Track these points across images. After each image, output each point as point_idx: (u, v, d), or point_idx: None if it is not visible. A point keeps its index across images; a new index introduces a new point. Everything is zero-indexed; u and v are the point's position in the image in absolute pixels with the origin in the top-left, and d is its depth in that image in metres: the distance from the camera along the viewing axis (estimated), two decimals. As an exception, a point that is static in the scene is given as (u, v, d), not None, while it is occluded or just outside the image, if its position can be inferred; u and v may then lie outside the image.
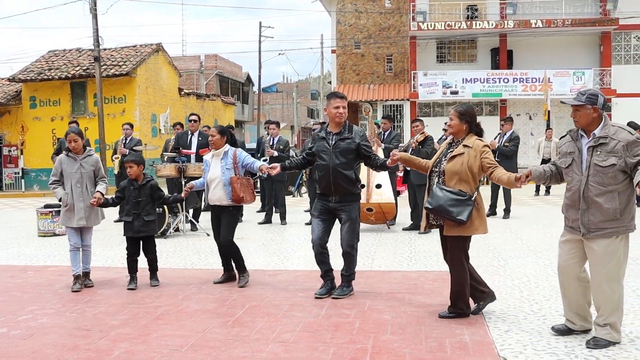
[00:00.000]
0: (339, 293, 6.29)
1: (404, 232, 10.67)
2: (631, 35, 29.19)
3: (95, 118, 23.45)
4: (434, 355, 4.54)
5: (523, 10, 28.99)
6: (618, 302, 4.68)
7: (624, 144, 4.51)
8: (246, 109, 48.40)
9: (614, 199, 4.56)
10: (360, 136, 6.32)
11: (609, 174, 4.54)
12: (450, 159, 5.37)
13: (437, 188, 5.32)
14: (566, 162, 4.81)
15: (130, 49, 26.72)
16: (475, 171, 5.30)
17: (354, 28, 33.89)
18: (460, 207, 5.19)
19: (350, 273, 6.37)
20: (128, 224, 7.02)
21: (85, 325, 5.46)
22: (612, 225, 4.58)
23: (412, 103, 29.86)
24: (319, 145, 6.37)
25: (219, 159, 6.98)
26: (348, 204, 6.27)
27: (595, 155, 4.59)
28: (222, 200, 6.86)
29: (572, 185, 4.75)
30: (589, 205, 4.61)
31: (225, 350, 4.71)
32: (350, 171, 6.23)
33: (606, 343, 4.66)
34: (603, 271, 4.63)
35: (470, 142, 5.38)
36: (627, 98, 27.77)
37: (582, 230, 4.68)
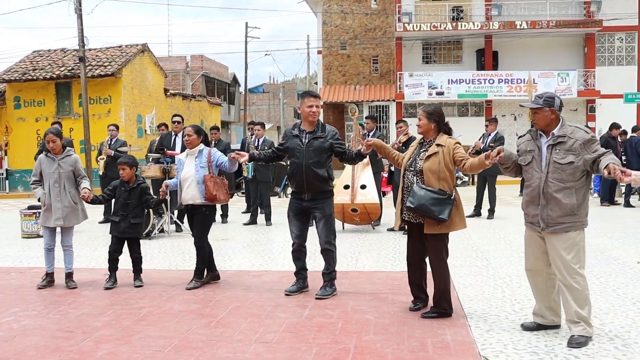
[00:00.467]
0: (321, 293, 6.32)
1: (389, 232, 10.71)
2: (615, 37, 29.43)
3: (81, 119, 23.35)
4: (416, 355, 4.57)
5: (508, 11, 29.17)
6: (584, 295, 4.81)
7: (581, 142, 4.77)
8: (232, 109, 48.32)
9: (572, 195, 4.80)
10: (332, 135, 6.41)
11: (568, 171, 4.78)
12: (426, 159, 5.49)
13: (417, 187, 5.41)
14: (526, 159, 5.02)
15: (115, 50, 26.60)
16: (451, 168, 5.47)
17: (340, 29, 33.95)
18: (441, 206, 5.33)
19: (331, 271, 6.43)
20: (115, 224, 7.06)
21: (68, 326, 5.45)
22: (569, 220, 4.82)
23: (398, 104, 29.96)
24: (291, 144, 6.44)
25: (193, 157, 7.00)
26: (321, 201, 6.37)
27: (555, 153, 4.83)
28: (196, 198, 6.87)
29: (531, 182, 4.97)
30: (548, 201, 4.84)
31: (208, 351, 4.72)
32: (323, 169, 6.32)
33: (585, 340, 4.74)
34: (563, 264, 4.82)
35: (442, 140, 5.53)
36: (611, 99, 28.00)
37: (541, 225, 4.89)
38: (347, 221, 10.93)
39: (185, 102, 30.84)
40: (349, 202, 10.63)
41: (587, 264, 7.55)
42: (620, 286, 6.60)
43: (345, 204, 10.62)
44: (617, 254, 8.29)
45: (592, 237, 9.71)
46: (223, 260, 8.53)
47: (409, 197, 5.44)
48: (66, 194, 6.93)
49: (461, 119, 29.64)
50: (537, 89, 26.20)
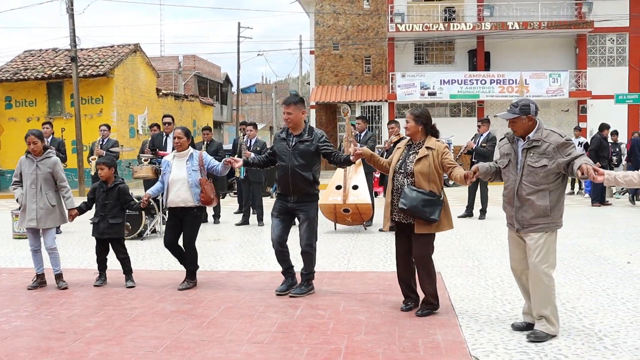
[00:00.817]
0: (296, 292, 6.43)
1: (380, 233, 10.73)
2: (606, 38, 29.56)
3: (72, 119, 23.28)
4: (407, 355, 4.60)
5: (500, 12, 29.24)
6: (550, 294, 4.97)
7: (555, 146, 4.88)
8: (225, 109, 48.27)
9: (545, 197, 4.92)
10: (319, 138, 6.47)
11: (541, 174, 4.90)
12: (417, 162, 5.60)
13: (409, 189, 5.52)
14: (504, 162, 5.18)
15: (107, 49, 26.55)
16: (440, 172, 5.60)
17: (333, 29, 33.97)
18: (432, 207, 5.47)
19: (309, 272, 6.53)
20: (94, 225, 7.09)
21: (59, 327, 5.45)
22: (543, 221, 4.94)
23: (390, 104, 29.99)
24: (279, 147, 6.56)
25: (183, 160, 6.99)
26: (306, 204, 6.46)
27: (529, 157, 4.96)
28: (188, 201, 6.87)
29: (508, 184, 5.14)
30: (523, 202, 4.99)
31: (199, 352, 4.73)
32: (309, 172, 6.40)
33: (545, 336, 4.90)
34: (535, 264, 4.95)
35: (432, 143, 5.65)
36: (602, 100, 28.13)
37: (516, 226, 5.06)
38: (339, 221, 10.95)
39: (177, 102, 30.81)
40: (341, 202, 10.65)
41: (577, 267, 7.64)
42: (610, 286, 6.65)
43: (337, 204, 10.64)
44: (607, 254, 8.35)
45: (583, 237, 9.77)
46: (215, 260, 8.54)
47: (401, 198, 5.53)
48: (42, 195, 6.90)
49: (453, 120, 29.72)
50: (529, 90, 26.33)
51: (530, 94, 26.80)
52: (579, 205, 15.30)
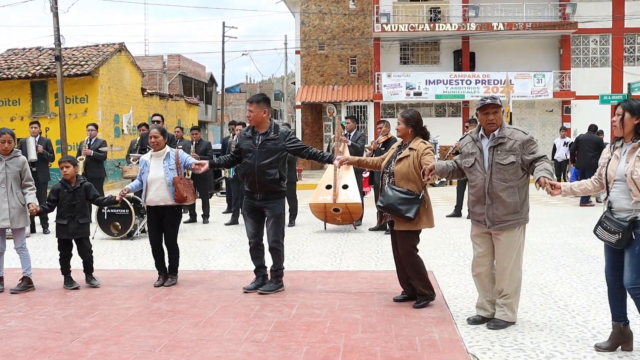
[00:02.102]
0: (265, 289, 6.52)
1: (371, 232, 10.77)
2: (589, 39, 29.82)
3: (57, 118, 23.10)
4: (405, 353, 4.63)
5: (485, 13, 29.41)
6: (517, 285, 5.22)
7: (520, 143, 5.04)
8: (209, 109, 48.16)
9: (515, 193, 5.08)
10: (285, 136, 6.57)
11: (510, 170, 5.05)
12: (398, 161, 5.81)
13: (387, 188, 5.77)
14: (469, 162, 5.30)
15: (92, 49, 26.38)
16: (419, 171, 5.69)
17: (318, 29, 33.98)
18: (409, 205, 5.64)
19: (277, 269, 6.62)
20: (62, 227, 7.02)
21: (55, 327, 5.43)
22: (513, 217, 5.10)
23: (376, 104, 30.07)
24: (245, 145, 6.63)
25: (160, 159, 7.06)
26: (272, 201, 6.55)
27: (496, 154, 5.10)
28: (167, 200, 6.96)
29: (476, 183, 5.23)
30: (493, 200, 5.10)
31: (198, 351, 4.74)
32: (275, 170, 6.49)
33: (504, 324, 5.16)
34: (506, 258, 5.15)
35: (415, 145, 5.84)
36: (586, 100, 28.38)
37: (487, 224, 5.18)
38: (329, 221, 10.98)
39: (162, 101, 30.69)
40: (331, 202, 10.67)
41: (568, 265, 7.73)
42: (601, 284, 6.68)
43: (327, 203, 10.67)
44: (596, 253, 8.43)
45: (572, 237, 9.88)
46: (207, 260, 8.54)
47: (380, 196, 5.83)
48: (13, 194, 6.87)
49: (438, 120, 29.83)
50: (513, 90, 26.47)
51: (515, 94, 26.97)
52: (566, 205, 15.44)
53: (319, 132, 33.38)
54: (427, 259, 8.20)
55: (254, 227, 6.64)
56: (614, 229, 4.35)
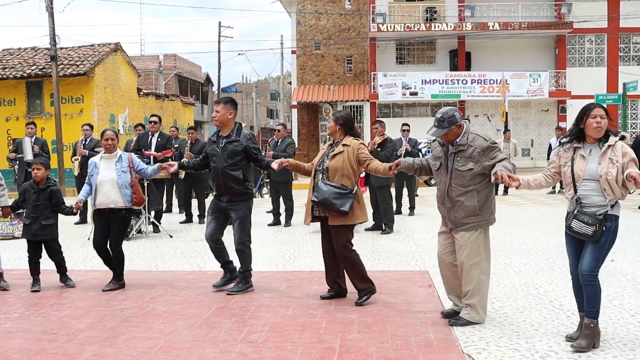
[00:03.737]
0: (233, 289, 6.61)
1: (367, 232, 10.78)
2: (585, 38, 29.90)
3: (52, 118, 23.06)
4: (400, 353, 4.64)
5: (481, 13, 29.47)
6: (479, 286, 5.32)
7: (480, 150, 5.18)
8: (205, 109, 48.12)
9: (474, 197, 5.23)
10: (247, 139, 6.68)
11: (468, 176, 5.21)
12: (332, 157, 6.01)
13: (322, 183, 5.95)
14: (436, 165, 5.49)
15: (87, 49, 26.34)
16: (355, 167, 5.98)
17: (314, 29, 33.99)
18: (343, 200, 5.85)
19: (244, 270, 6.70)
20: (26, 227, 7.04)
21: (51, 329, 5.43)
22: (473, 220, 5.27)
23: (372, 104, 30.09)
24: (210, 149, 6.79)
25: (112, 161, 7.07)
26: (237, 203, 6.64)
27: (456, 161, 5.26)
28: (118, 202, 6.95)
29: (440, 186, 5.45)
30: (453, 203, 5.30)
31: (194, 352, 4.74)
32: (238, 172, 6.59)
33: (465, 322, 5.29)
34: (466, 260, 5.30)
35: (348, 141, 6.06)
36: (581, 100, 28.36)
37: (449, 225, 5.40)
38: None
39: (158, 101, 30.67)
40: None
41: (563, 265, 7.74)
42: (596, 284, 6.73)
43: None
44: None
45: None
46: (203, 260, 8.54)
47: (314, 192, 5.97)
48: None
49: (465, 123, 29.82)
50: (509, 90, 26.53)
51: (511, 93, 27.03)
52: (562, 205, 15.46)
53: (315, 132, 33.39)
54: (422, 259, 8.25)
55: (214, 227, 6.74)
56: (592, 222, 4.60)
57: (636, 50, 29.99)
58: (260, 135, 56.23)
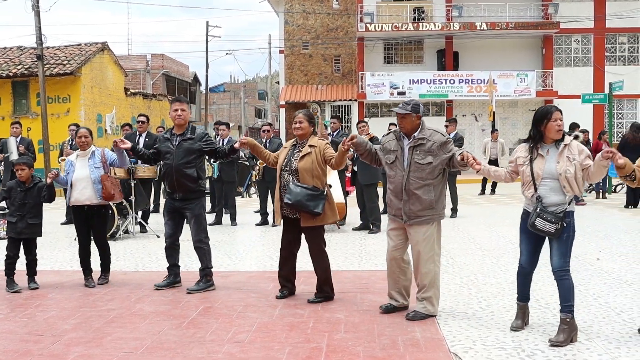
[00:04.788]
0: (194, 288, 6.66)
1: (354, 232, 10.79)
2: (572, 38, 30.04)
3: (39, 118, 22.90)
4: (387, 353, 4.65)
5: (468, 13, 29.53)
6: (434, 279, 5.49)
7: (438, 144, 5.40)
8: (193, 109, 47.91)
9: (431, 191, 5.41)
10: (201, 137, 6.77)
11: (427, 170, 5.38)
12: (301, 159, 6.05)
13: (293, 185, 5.96)
14: (390, 158, 5.59)
15: (74, 48, 26.17)
16: (323, 167, 6.09)
17: (302, 29, 33.97)
18: (316, 201, 5.91)
19: (204, 267, 6.77)
20: (11, 225, 7.02)
21: (36, 330, 5.39)
22: (428, 213, 5.43)
23: (360, 103, 30.09)
24: (163, 146, 6.82)
25: (85, 159, 7.14)
26: (191, 201, 6.71)
27: (415, 154, 5.42)
28: (92, 199, 7.03)
29: (395, 179, 5.53)
30: (410, 196, 5.41)
31: (181, 352, 4.73)
32: (192, 170, 6.66)
33: (423, 316, 5.44)
34: (422, 253, 5.45)
35: (314, 142, 6.15)
36: (568, 99, 28.54)
37: (404, 218, 5.47)
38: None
39: (146, 101, 30.54)
40: (314, 201, 10.65)
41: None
42: (582, 282, 6.79)
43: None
44: (577, 252, 8.47)
45: (553, 235, 9.93)
46: (190, 260, 8.49)
47: (287, 194, 5.96)
48: None
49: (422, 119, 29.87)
50: (497, 89, 26.61)
51: (499, 93, 27.11)
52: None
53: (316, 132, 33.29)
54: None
55: (171, 228, 6.82)
56: (554, 220, 4.85)
57: (622, 51, 30.17)
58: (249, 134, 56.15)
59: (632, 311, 5.63)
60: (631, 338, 4.90)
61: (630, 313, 5.58)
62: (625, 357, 4.48)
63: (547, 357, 4.50)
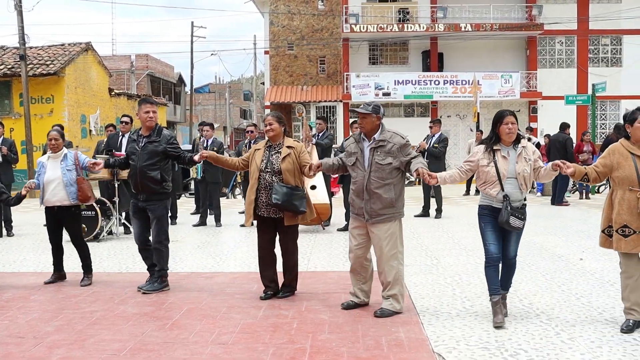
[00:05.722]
0: (148, 288, 6.71)
1: (339, 232, 10.79)
2: (555, 40, 30.23)
3: (22, 119, 22.74)
4: (371, 353, 4.65)
5: (453, 14, 29.63)
6: (398, 277, 5.66)
7: (398, 146, 5.61)
8: (178, 109, 47.82)
9: (391, 190, 5.61)
10: (167, 139, 6.80)
11: (387, 170, 5.59)
12: (283, 160, 6.17)
13: (279, 186, 6.06)
14: (351, 160, 5.80)
15: (58, 48, 26.01)
16: (299, 167, 6.21)
17: (287, 29, 33.94)
18: (301, 200, 6.11)
19: (161, 269, 6.80)
20: None
21: (18, 332, 5.34)
22: (389, 211, 5.62)
23: (345, 104, 30.11)
24: (130, 148, 6.91)
25: (57, 160, 7.16)
26: (154, 202, 6.74)
27: (376, 155, 5.63)
28: (64, 200, 7.07)
29: (356, 180, 5.73)
30: (371, 195, 5.60)
31: (164, 354, 4.70)
32: (157, 172, 6.71)
33: (390, 312, 5.59)
34: (384, 251, 5.62)
35: (291, 143, 6.31)
36: (552, 100, 28.75)
37: (365, 217, 5.65)
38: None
39: (130, 102, 30.39)
40: (299, 202, 10.64)
41: (533, 264, 7.83)
42: (565, 282, 6.83)
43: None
44: (561, 252, 8.56)
45: (537, 235, 10.00)
46: (174, 262, 8.46)
47: (273, 194, 6.02)
48: None
49: (407, 120, 30.01)
50: (481, 90, 26.71)
51: (483, 94, 27.22)
52: (532, 204, 15.60)
53: (289, 132, 33.31)
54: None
55: (139, 227, 6.84)
56: (523, 217, 5.29)
57: (605, 52, 30.41)
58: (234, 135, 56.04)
59: (614, 310, 5.66)
60: (613, 337, 4.93)
61: (613, 312, 5.61)
62: (607, 356, 4.52)
63: (530, 357, 4.52)
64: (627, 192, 5.08)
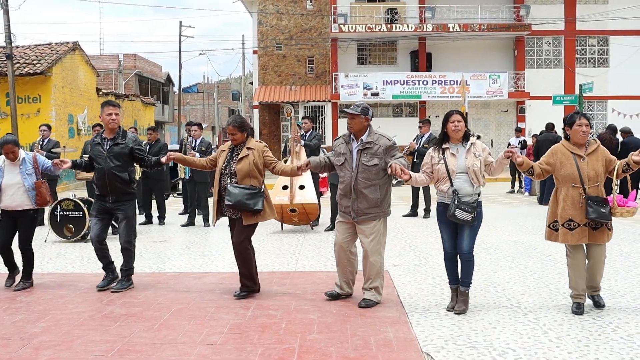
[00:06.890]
0: (117, 287, 6.78)
1: (327, 232, 10.79)
2: (543, 40, 30.39)
3: (8, 118, 22.59)
4: (360, 353, 4.65)
5: (441, 14, 29.73)
6: (380, 270, 5.95)
7: (384, 148, 5.85)
8: (166, 109, 47.66)
9: (377, 190, 5.85)
10: (133, 141, 6.91)
11: (373, 171, 5.82)
12: (239, 161, 6.27)
13: (232, 187, 6.17)
14: (340, 160, 6.03)
15: (45, 47, 25.85)
16: (260, 168, 6.32)
17: (276, 29, 33.92)
18: (255, 199, 6.18)
19: (128, 268, 6.90)
20: None
21: (4, 333, 5.30)
22: (375, 211, 5.86)
23: (333, 104, 30.15)
24: (94, 151, 6.92)
25: (16, 165, 7.02)
26: (124, 203, 6.86)
27: (363, 156, 5.86)
28: (25, 205, 6.99)
29: (344, 179, 5.95)
30: (358, 195, 5.84)
31: (152, 354, 4.68)
32: (125, 173, 6.83)
33: (373, 303, 5.89)
34: (369, 247, 5.87)
35: (252, 144, 6.38)
36: (540, 101, 28.91)
37: (352, 215, 5.90)
38: (285, 221, 10.96)
39: (118, 101, 30.26)
40: (287, 202, 10.66)
41: (521, 263, 7.86)
42: (553, 281, 6.86)
43: (284, 204, 10.65)
44: (548, 251, 8.59)
45: (524, 235, 10.04)
46: (162, 262, 8.45)
47: (226, 196, 6.17)
48: None
49: (396, 120, 30.07)
50: (469, 90, 26.80)
51: (471, 94, 27.32)
52: (521, 204, 15.70)
53: (277, 133, 33.32)
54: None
55: (100, 228, 6.88)
56: (471, 210, 5.49)
57: (592, 53, 30.59)
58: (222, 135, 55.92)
59: (601, 310, 5.69)
60: (600, 336, 4.96)
61: (599, 312, 5.64)
62: (594, 355, 4.54)
63: (518, 356, 4.54)
64: (570, 189, 5.57)
